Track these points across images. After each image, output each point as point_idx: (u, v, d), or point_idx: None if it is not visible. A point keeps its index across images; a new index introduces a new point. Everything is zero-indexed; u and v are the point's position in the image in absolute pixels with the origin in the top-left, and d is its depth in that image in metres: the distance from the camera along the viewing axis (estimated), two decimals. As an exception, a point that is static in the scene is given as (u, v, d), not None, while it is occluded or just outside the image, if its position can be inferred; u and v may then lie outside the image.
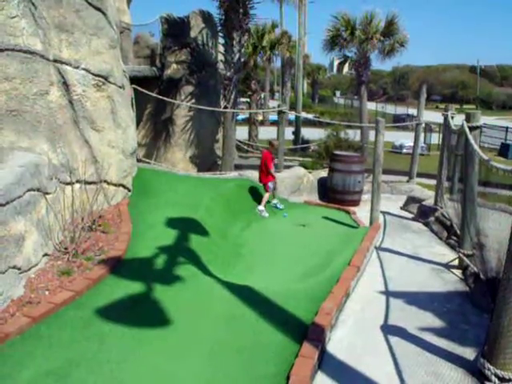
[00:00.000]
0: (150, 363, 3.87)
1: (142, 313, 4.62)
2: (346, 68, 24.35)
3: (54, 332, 4.13)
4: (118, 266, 5.49)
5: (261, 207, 9.66)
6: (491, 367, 3.75)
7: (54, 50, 6.48)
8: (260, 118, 34.98)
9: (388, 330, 4.78)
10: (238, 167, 14.87)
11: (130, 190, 8.09)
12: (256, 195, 10.05)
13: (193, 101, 15.91)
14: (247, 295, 5.17)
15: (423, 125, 17.23)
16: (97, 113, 7.16)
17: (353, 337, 4.63)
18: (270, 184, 9.94)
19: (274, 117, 39.01)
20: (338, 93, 74.60)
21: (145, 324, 4.43)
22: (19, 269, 4.73)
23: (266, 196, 9.86)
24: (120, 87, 7.76)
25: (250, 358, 4.00)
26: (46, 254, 5.42)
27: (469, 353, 4.30)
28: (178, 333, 4.35)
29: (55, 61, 6.45)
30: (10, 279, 4.55)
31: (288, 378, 3.63)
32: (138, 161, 10.27)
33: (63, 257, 5.53)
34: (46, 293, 4.73)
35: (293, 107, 28.98)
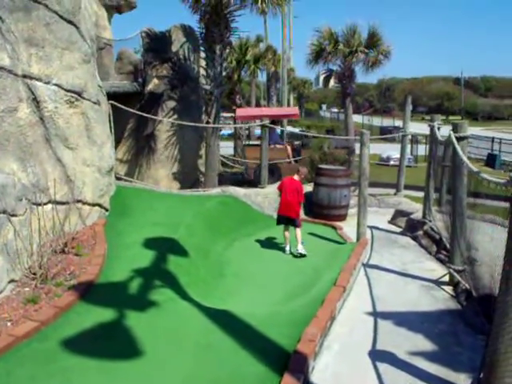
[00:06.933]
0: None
1: (111, 343, 4.29)
2: (331, 82, 24.15)
3: (12, 368, 3.78)
4: (90, 292, 5.16)
5: (300, 247, 8.06)
6: (488, 397, 3.47)
7: (23, 65, 6.18)
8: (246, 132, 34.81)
9: (376, 355, 4.49)
10: (222, 183, 14.58)
11: (107, 210, 7.77)
12: (239, 212, 9.75)
13: (175, 116, 15.63)
14: (227, 321, 4.87)
15: (409, 136, 17.07)
16: (70, 130, 6.85)
17: (338, 364, 4.33)
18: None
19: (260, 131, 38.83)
20: (324, 106, 74.72)
21: (114, 355, 4.10)
22: (-20, 298, 4.40)
23: (299, 233, 8.18)
24: (95, 103, 7.47)
25: (226, 391, 3.69)
26: (12, 281, 5.10)
27: (463, 379, 4.03)
28: (150, 364, 4.03)
29: (24, 76, 6.14)
30: (-31, 310, 4.22)
31: (268, 414, 3.32)
32: (119, 179, 9.97)
33: (31, 283, 5.19)
34: (8, 324, 4.38)
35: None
